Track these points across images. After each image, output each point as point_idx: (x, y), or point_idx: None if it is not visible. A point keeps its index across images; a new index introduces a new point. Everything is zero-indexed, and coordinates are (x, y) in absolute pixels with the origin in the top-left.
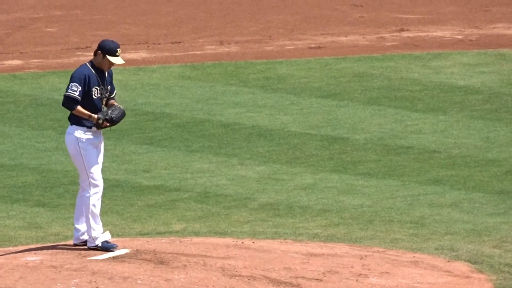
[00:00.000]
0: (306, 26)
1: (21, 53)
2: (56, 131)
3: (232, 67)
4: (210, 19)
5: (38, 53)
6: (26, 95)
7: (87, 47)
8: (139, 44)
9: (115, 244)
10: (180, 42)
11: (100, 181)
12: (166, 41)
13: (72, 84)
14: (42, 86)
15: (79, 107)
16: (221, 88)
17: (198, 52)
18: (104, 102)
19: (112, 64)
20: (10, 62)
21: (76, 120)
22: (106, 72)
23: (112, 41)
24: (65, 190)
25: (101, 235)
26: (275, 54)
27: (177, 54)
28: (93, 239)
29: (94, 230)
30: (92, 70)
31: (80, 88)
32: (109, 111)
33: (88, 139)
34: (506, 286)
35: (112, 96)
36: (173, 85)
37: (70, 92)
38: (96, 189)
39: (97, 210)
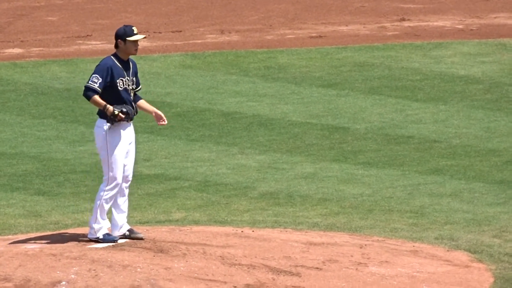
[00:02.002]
0: (307, 15)
1: (22, 41)
2: (56, 119)
3: (232, 56)
4: (211, 8)
5: (39, 41)
6: (27, 83)
7: (87, 35)
8: (140, 32)
9: (116, 237)
10: (181, 31)
11: (119, 179)
12: (167, 30)
13: (93, 75)
14: (42, 74)
15: (95, 97)
16: (221, 77)
17: (199, 41)
18: (132, 94)
19: (136, 44)
20: (11, 50)
21: (99, 113)
22: (130, 64)
23: (124, 25)
24: (65, 178)
25: (103, 227)
26: (276, 43)
27: (177, 43)
28: (95, 231)
29: (98, 223)
30: (116, 61)
31: (100, 80)
32: (127, 107)
33: (117, 133)
34: (506, 276)
35: (138, 89)
36: (173, 74)
37: (90, 83)
38: (112, 186)
39: (107, 206)
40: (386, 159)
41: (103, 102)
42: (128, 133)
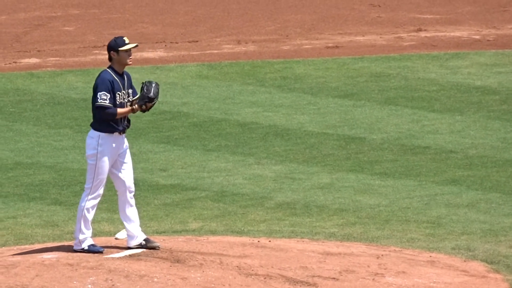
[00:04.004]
0: (324, 25)
1: (38, 51)
2: (73, 129)
3: (249, 67)
4: (227, 18)
5: (55, 51)
6: (43, 93)
7: (104, 45)
8: (156, 43)
9: (101, 248)
10: (197, 41)
11: (101, 191)
12: (183, 40)
13: (99, 93)
14: (59, 84)
15: (118, 110)
16: (238, 88)
17: (215, 51)
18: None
19: (129, 53)
20: (27, 60)
21: (99, 126)
22: (125, 76)
23: (115, 37)
24: (81, 188)
25: (88, 238)
26: (292, 54)
27: (194, 53)
28: (80, 242)
29: (83, 234)
30: (113, 75)
31: (109, 95)
32: (144, 92)
33: (108, 146)
34: None
35: (134, 99)
36: (190, 84)
37: (101, 102)
38: (94, 196)
39: (90, 216)
40: (402, 169)
41: (127, 108)
42: (119, 145)
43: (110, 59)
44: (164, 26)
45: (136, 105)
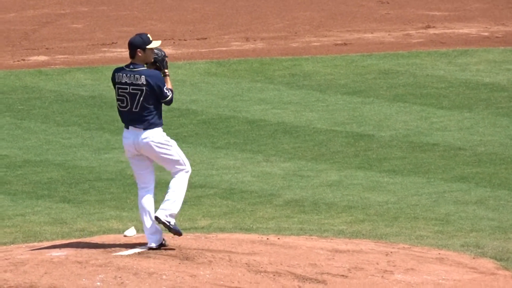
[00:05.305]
0: (332, 22)
1: (47, 48)
2: (81, 127)
3: (257, 64)
4: (236, 15)
5: (64, 49)
6: (52, 91)
7: (112, 43)
8: (165, 40)
9: (181, 231)
10: (206, 39)
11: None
12: (192, 37)
13: (164, 88)
14: (68, 82)
15: (169, 87)
16: (246, 85)
17: (224, 49)
18: None
19: (153, 50)
20: (36, 57)
21: (155, 124)
22: None
23: (138, 34)
24: (90, 186)
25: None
26: (301, 51)
27: (203, 50)
28: (172, 216)
29: (179, 209)
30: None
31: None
32: (157, 57)
33: (167, 136)
34: None
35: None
36: (198, 81)
37: (171, 94)
38: (188, 169)
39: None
40: (411, 166)
41: (168, 80)
42: None
43: (133, 56)
44: (173, 23)
45: (166, 71)
